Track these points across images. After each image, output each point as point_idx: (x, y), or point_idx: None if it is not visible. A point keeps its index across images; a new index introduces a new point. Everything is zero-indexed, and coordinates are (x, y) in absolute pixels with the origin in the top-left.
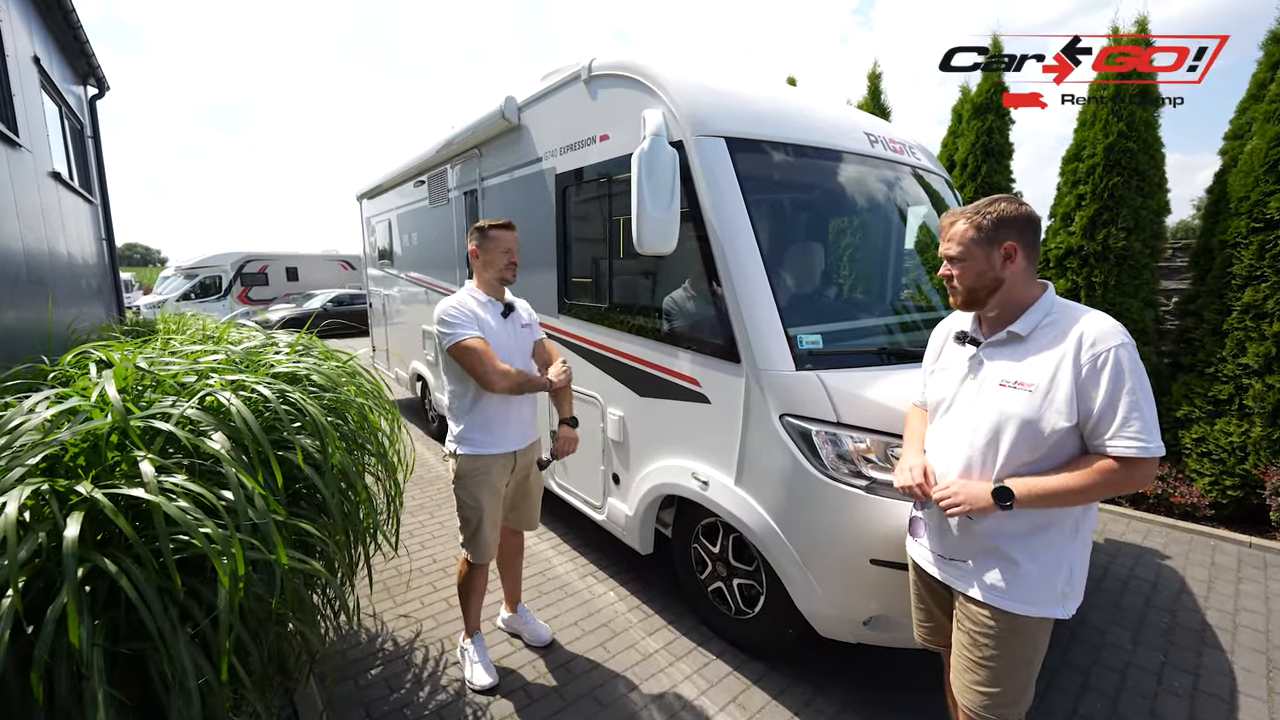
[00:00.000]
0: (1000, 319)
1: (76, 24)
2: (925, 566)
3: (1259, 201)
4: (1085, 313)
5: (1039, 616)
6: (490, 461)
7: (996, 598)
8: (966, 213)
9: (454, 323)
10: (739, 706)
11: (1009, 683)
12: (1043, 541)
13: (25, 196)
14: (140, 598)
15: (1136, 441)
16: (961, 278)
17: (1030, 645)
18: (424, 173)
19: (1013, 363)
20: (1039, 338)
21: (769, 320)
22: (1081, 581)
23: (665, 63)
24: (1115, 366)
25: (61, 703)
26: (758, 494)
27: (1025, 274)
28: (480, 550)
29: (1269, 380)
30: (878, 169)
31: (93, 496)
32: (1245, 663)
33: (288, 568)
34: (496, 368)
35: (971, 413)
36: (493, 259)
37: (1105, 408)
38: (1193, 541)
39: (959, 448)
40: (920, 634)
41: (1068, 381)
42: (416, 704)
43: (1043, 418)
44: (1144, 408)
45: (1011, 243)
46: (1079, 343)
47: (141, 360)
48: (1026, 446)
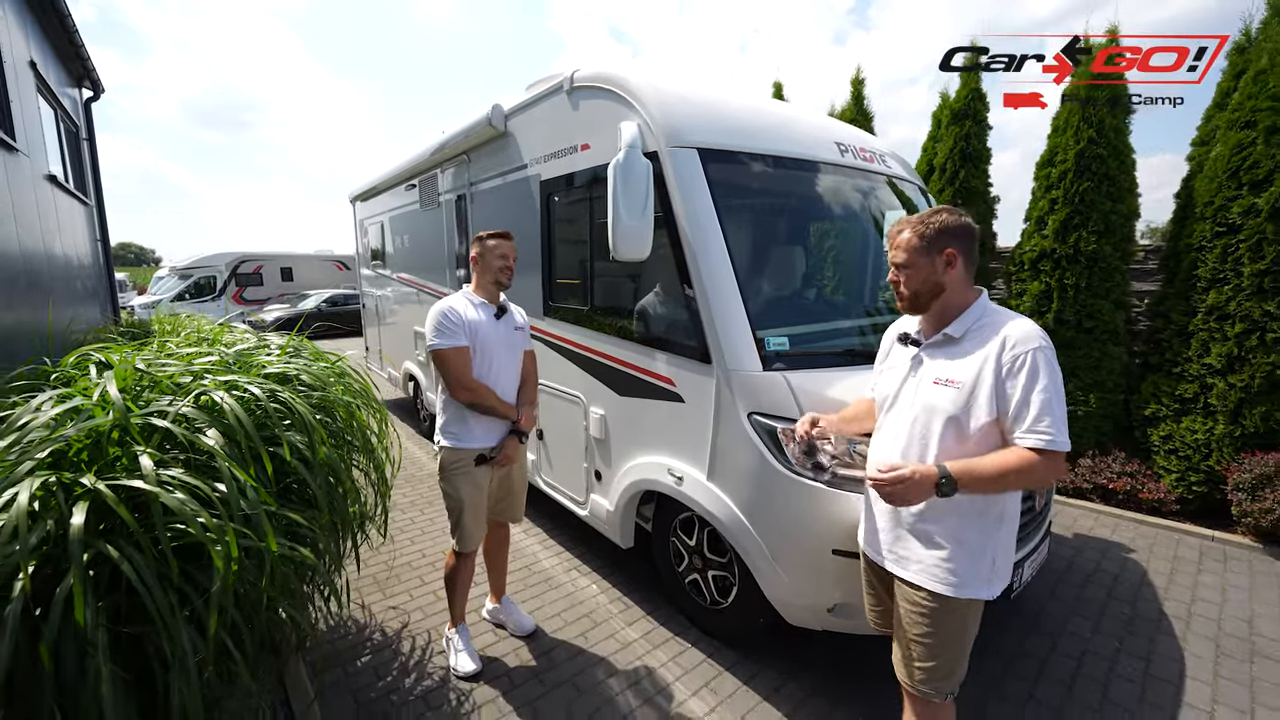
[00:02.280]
0: (938, 322)
1: (72, 28)
2: (870, 554)
3: (1222, 206)
4: (1011, 317)
5: (967, 598)
6: (469, 455)
7: (928, 580)
8: (912, 222)
9: (442, 329)
10: (711, 691)
11: (942, 658)
12: (973, 529)
13: (22, 200)
14: (141, 581)
15: (1046, 436)
16: (907, 283)
17: (960, 623)
18: (416, 176)
19: (946, 362)
20: (970, 340)
21: (738, 323)
22: (1007, 565)
23: (643, 75)
24: (1031, 367)
25: (67, 678)
26: (728, 489)
27: (963, 280)
28: (464, 539)
29: (1231, 379)
30: (848, 178)
31: (96, 488)
32: (1196, 649)
33: (278, 555)
34: (464, 381)
35: (910, 408)
36: (489, 265)
37: (1021, 404)
38: (1158, 536)
39: (898, 440)
40: (872, 618)
41: (990, 380)
42: (403, 690)
43: (968, 412)
44: (1055, 406)
45: (952, 250)
46: (1002, 345)
47: (140, 362)
48: (955, 439)
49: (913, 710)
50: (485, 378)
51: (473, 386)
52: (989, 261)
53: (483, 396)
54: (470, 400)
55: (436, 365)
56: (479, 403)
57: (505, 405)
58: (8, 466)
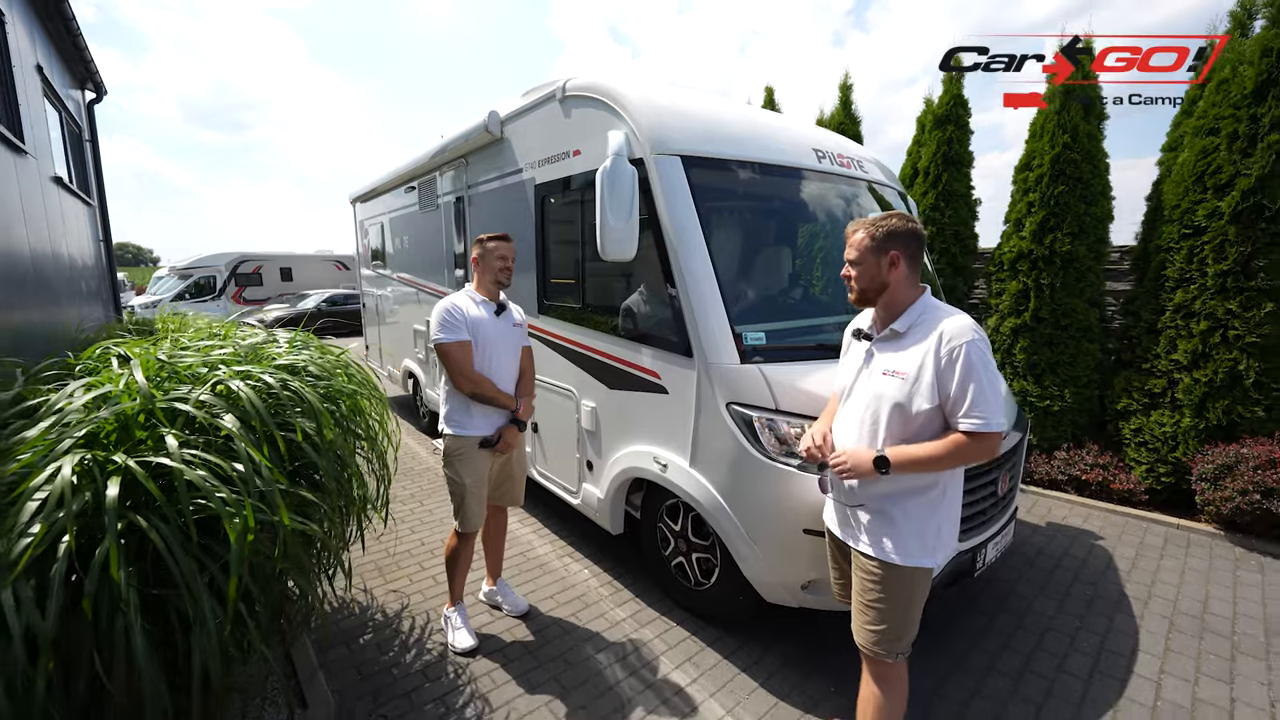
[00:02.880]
0: (886, 317)
1: (76, 31)
2: (832, 528)
3: (1188, 210)
4: (949, 313)
5: (913, 565)
6: (472, 441)
7: (879, 550)
8: (865, 224)
9: (446, 324)
10: (693, 664)
11: (892, 621)
12: (917, 503)
13: (31, 202)
14: (167, 549)
15: (978, 420)
16: (857, 279)
17: (909, 589)
18: (415, 179)
19: (893, 354)
20: (913, 334)
21: (718, 320)
22: (951, 537)
23: (630, 86)
24: (966, 359)
25: (103, 631)
26: (709, 474)
27: (907, 279)
28: (466, 520)
29: (1196, 374)
30: (825, 183)
31: (126, 464)
32: (1151, 626)
33: (290, 528)
34: (466, 373)
35: (863, 396)
36: (490, 265)
37: (957, 392)
38: (1127, 524)
39: (852, 426)
40: (837, 590)
41: (930, 370)
42: (404, 664)
43: (911, 400)
44: (987, 392)
45: (896, 252)
46: (939, 339)
47: (160, 353)
48: (900, 424)
49: (869, 671)
50: (485, 370)
51: (474, 378)
52: (971, 261)
53: (483, 387)
54: (472, 390)
55: (441, 358)
56: (480, 393)
57: (504, 395)
58: (49, 444)
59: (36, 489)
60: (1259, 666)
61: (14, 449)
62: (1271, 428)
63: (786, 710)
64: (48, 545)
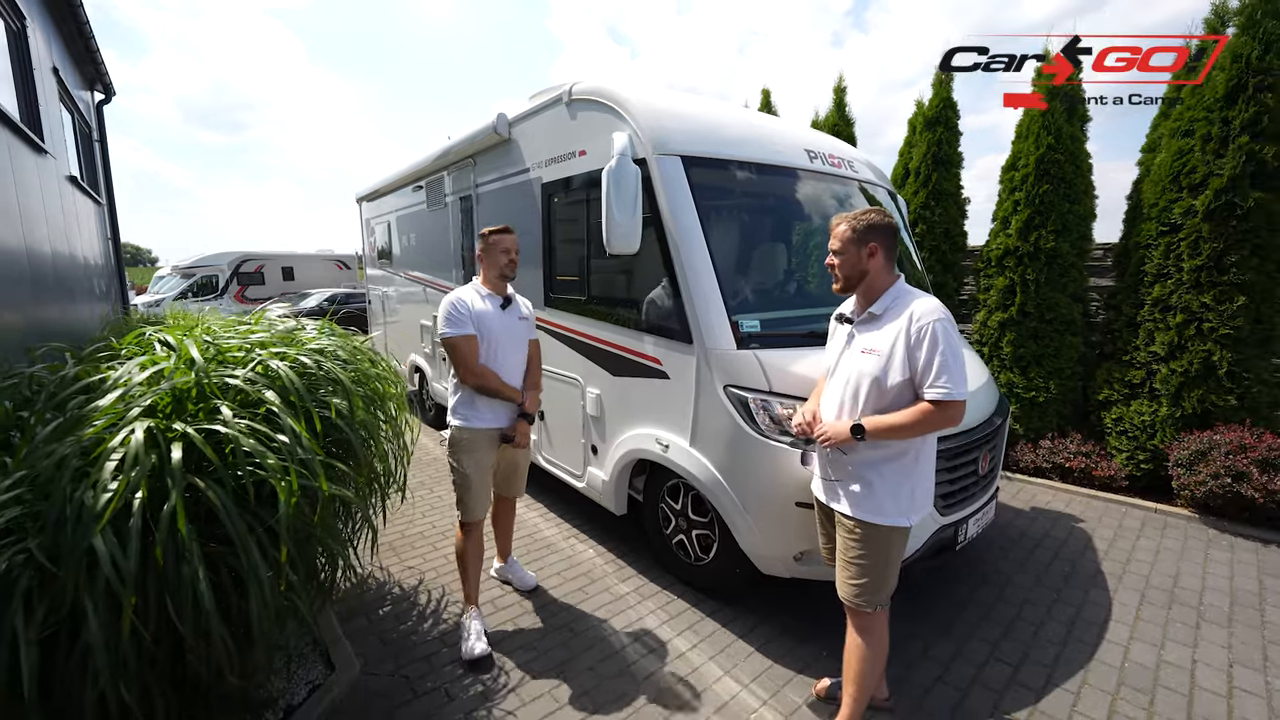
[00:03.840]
0: (865, 301)
1: (89, 34)
2: (818, 495)
3: (1165, 208)
4: (918, 296)
5: (890, 524)
6: (477, 434)
7: (859, 511)
8: (848, 218)
9: (452, 319)
10: (693, 632)
11: (872, 576)
12: (891, 468)
13: (50, 201)
14: (224, 508)
15: (943, 390)
16: (840, 267)
17: (886, 546)
18: (422, 178)
19: (871, 334)
20: (888, 316)
21: (716, 309)
22: (925, 499)
23: (633, 90)
24: (932, 336)
25: (169, 579)
26: (707, 452)
27: (884, 268)
28: (470, 509)
29: (1173, 365)
30: (816, 181)
31: (186, 432)
32: (1124, 599)
33: (327, 494)
34: (472, 367)
35: (845, 372)
36: (494, 259)
37: (925, 365)
38: (1107, 509)
39: (835, 398)
40: (825, 555)
41: (902, 347)
42: (421, 632)
43: (887, 374)
44: (951, 366)
45: (874, 244)
46: (909, 319)
47: (206, 336)
48: (877, 395)
49: (852, 623)
50: (491, 363)
51: (478, 372)
52: (961, 258)
53: (488, 380)
54: (476, 384)
55: (446, 352)
56: (484, 386)
57: (510, 389)
58: (119, 413)
59: (113, 450)
60: (1222, 633)
61: (89, 416)
62: (1243, 415)
63: (781, 671)
64: (123, 501)
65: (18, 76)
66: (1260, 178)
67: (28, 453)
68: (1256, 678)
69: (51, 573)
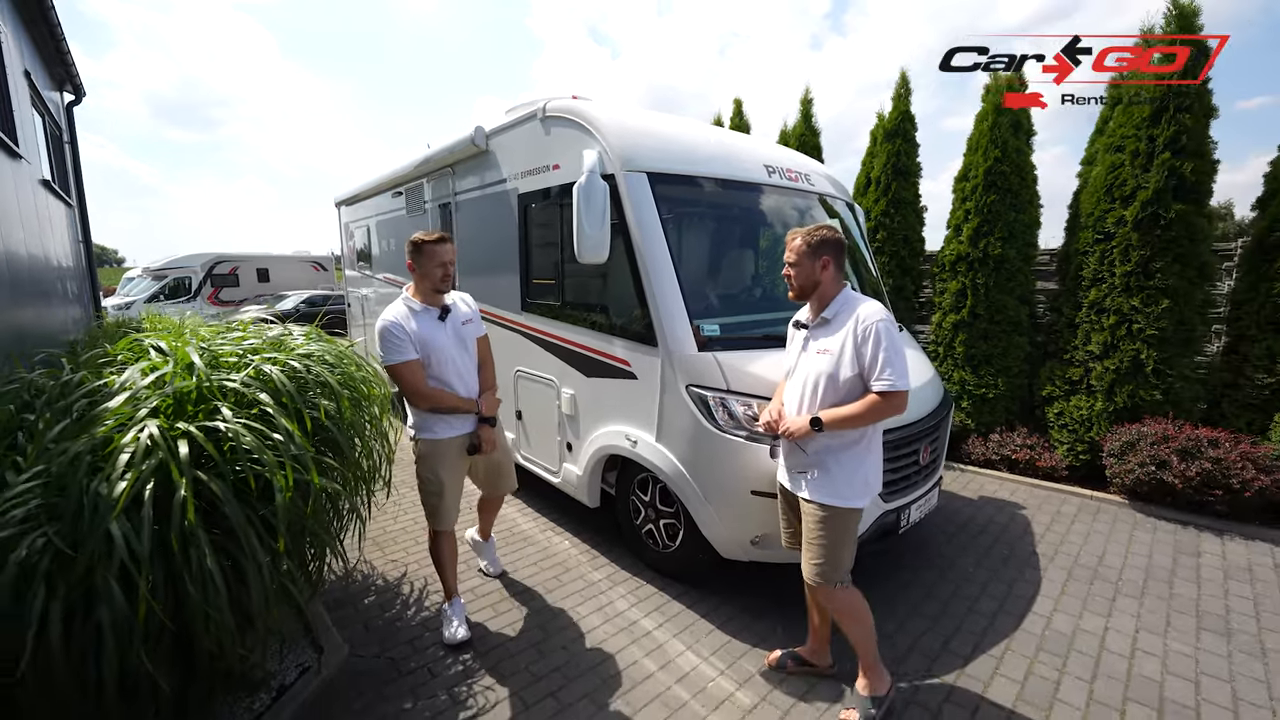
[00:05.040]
0: (818, 308)
1: (60, 36)
2: (783, 482)
3: (1100, 217)
4: (863, 301)
5: (846, 506)
6: (446, 444)
7: (818, 495)
8: (803, 233)
9: (390, 345)
10: (660, 613)
11: (830, 554)
12: (847, 455)
13: (25, 205)
14: (225, 499)
15: (887, 382)
16: (795, 277)
17: (844, 526)
18: (402, 185)
19: (824, 337)
20: (838, 320)
21: (679, 314)
22: (876, 482)
23: (602, 109)
24: (875, 335)
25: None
26: (672, 447)
27: (835, 277)
28: (441, 518)
29: (1106, 363)
30: (775, 194)
31: (190, 430)
32: (1052, 576)
33: (319, 487)
34: (421, 390)
35: (802, 371)
36: (428, 271)
37: (870, 360)
38: (1048, 496)
39: (795, 395)
40: (786, 540)
41: (850, 345)
42: (405, 619)
43: (839, 371)
44: (894, 360)
45: (827, 257)
46: (855, 320)
47: (203, 343)
48: (831, 390)
49: (813, 598)
50: (441, 379)
51: (428, 394)
52: (919, 264)
53: (441, 400)
54: (430, 406)
55: (393, 378)
56: (438, 406)
57: (463, 401)
58: (128, 413)
59: (125, 447)
60: (1133, 604)
61: (100, 416)
62: (1168, 409)
63: (738, 645)
64: (134, 493)
65: None
66: (1181, 191)
67: (39, 452)
68: (1157, 641)
69: (68, 557)
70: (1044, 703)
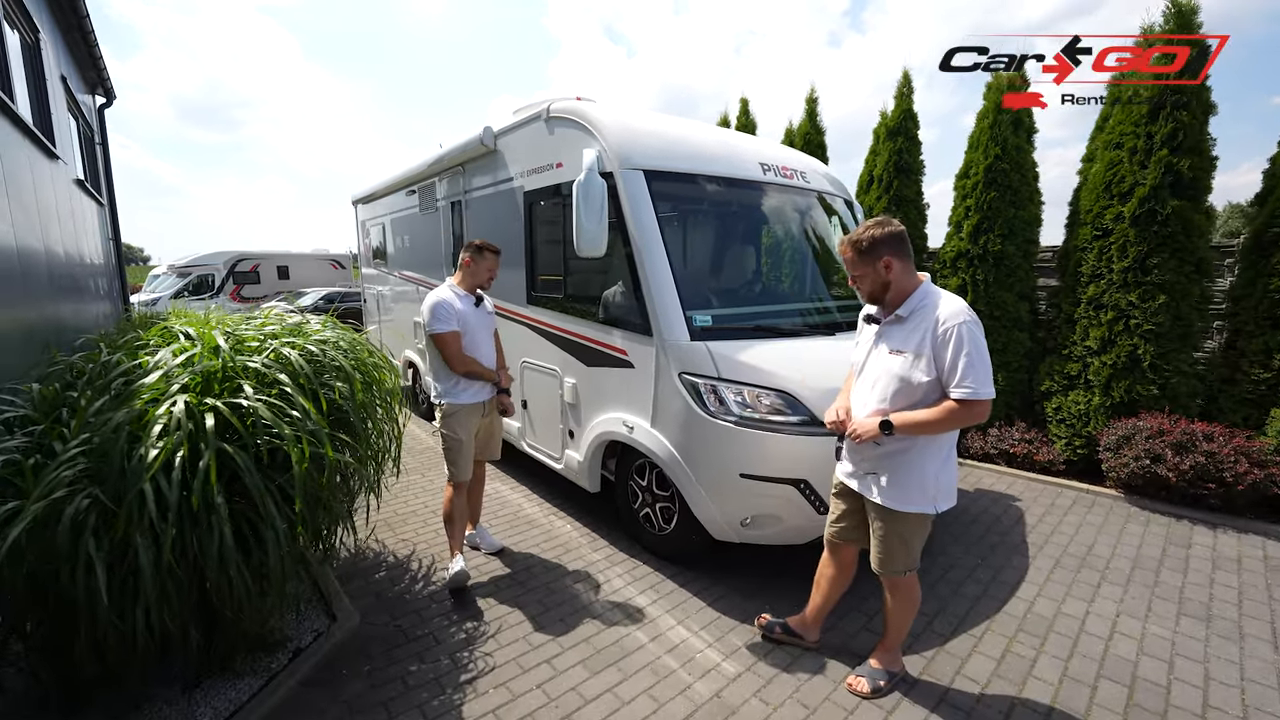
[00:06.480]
0: (892, 305)
1: (94, 42)
2: (846, 481)
3: (1099, 214)
4: (944, 298)
5: (917, 512)
6: (467, 408)
7: (889, 500)
8: (851, 240)
9: (440, 317)
10: (654, 591)
11: (894, 553)
12: (918, 460)
13: (62, 204)
14: (246, 468)
15: (968, 389)
16: (861, 286)
17: (908, 530)
18: (416, 184)
19: (898, 335)
20: (914, 318)
21: (673, 305)
22: (949, 488)
23: (602, 110)
24: (958, 337)
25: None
26: (666, 432)
27: (903, 273)
28: (459, 470)
29: (1104, 359)
30: (769, 191)
31: (216, 405)
32: (1039, 564)
33: (333, 460)
34: (460, 357)
35: (873, 371)
36: (479, 271)
37: (950, 366)
38: (1044, 489)
39: (864, 396)
40: (829, 532)
41: (928, 348)
42: (414, 592)
43: (912, 374)
44: (977, 366)
45: (887, 256)
46: (936, 320)
47: (228, 328)
48: (904, 394)
49: (886, 586)
50: (472, 352)
51: (465, 359)
52: (922, 260)
53: (474, 366)
54: (465, 370)
55: (437, 345)
56: (472, 371)
57: (490, 371)
58: (162, 389)
59: (159, 418)
60: (1117, 590)
61: (137, 391)
62: (1164, 404)
63: (727, 621)
64: (165, 458)
65: (32, 87)
66: (1178, 187)
67: (82, 425)
68: (1136, 625)
69: (111, 514)
70: (1018, 678)
